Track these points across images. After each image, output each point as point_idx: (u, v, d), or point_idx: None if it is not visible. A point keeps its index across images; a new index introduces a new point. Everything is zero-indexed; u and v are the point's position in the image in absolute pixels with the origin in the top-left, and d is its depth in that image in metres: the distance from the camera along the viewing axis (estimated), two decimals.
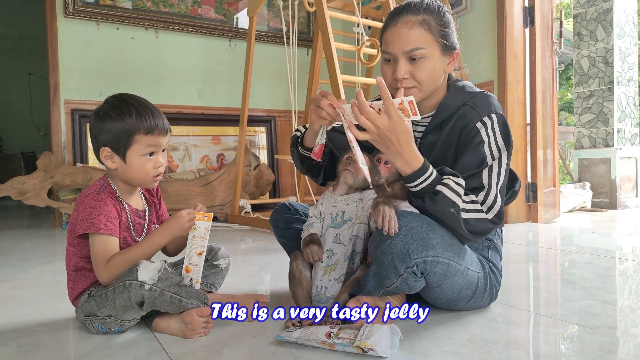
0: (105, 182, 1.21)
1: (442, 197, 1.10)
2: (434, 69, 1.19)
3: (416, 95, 1.19)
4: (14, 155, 7.13)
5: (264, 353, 1.02)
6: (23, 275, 1.91)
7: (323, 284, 1.19)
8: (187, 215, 1.17)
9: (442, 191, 1.10)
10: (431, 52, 1.17)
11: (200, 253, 1.20)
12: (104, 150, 1.18)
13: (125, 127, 1.15)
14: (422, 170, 1.10)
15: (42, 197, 3.28)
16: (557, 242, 2.50)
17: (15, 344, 1.12)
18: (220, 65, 4.24)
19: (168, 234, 1.16)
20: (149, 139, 1.17)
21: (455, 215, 1.11)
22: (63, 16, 3.63)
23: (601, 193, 4.12)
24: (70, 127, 3.65)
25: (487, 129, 1.18)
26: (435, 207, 1.11)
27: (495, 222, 1.15)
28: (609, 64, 4.12)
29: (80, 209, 1.16)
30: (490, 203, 1.14)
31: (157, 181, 1.23)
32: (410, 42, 1.16)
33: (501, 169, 1.17)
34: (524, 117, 3.18)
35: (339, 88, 2.37)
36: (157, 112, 1.19)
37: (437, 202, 1.11)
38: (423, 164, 1.11)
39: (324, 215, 1.24)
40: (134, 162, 1.17)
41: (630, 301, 1.38)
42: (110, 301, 1.10)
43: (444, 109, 1.24)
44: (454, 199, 1.10)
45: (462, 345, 1.03)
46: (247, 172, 3.88)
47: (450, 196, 1.10)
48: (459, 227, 1.12)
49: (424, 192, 1.12)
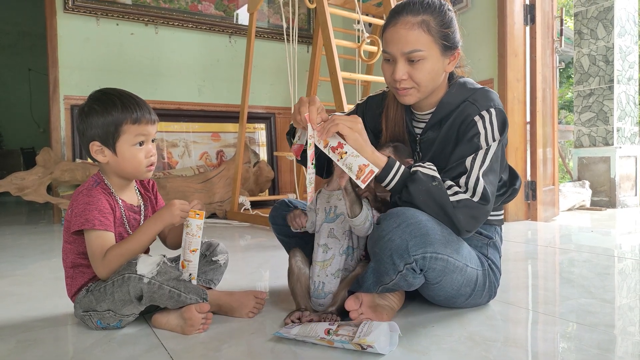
0: (98, 178, 1.21)
1: (420, 175, 1.12)
2: (433, 70, 1.18)
3: (414, 95, 1.21)
4: (14, 151, 7.13)
5: (262, 350, 1.02)
6: (22, 271, 1.91)
7: (320, 280, 1.20)
8: (180, 205, 1.15)
9: (418, 170, 1.13)
10: (430, 54, 1.16)
11: (194, 250, 1.18)
12: (93, 144, 1.17)
13: (111, 119, 1.15)
14: (390, 165, 1.13)
15: (41, 193, 3.28)
16: (556, 240, 2.50)
17: (13, 339, 1.12)
18: (220, 61, 4.24)
19: (159, 222, 1.15)
20: (137, 128, 1.16)
21: (439, 186, 1.11)
22: (63, 12, 3.62)
23: (600, 192, 4.12)
24: (69, 123, 3.64)
25: (484, 121, 1.18)
26: (418, 187, 1.11)
27: (482, 204, 1.13)
28: (609, 63, 4.11)
29: (74, 206, 1.15)
30: (472, 185, 1.13)
31: (150, 171, 1.22)
32: (408, 43, 1.15)
33: (487, 156, 1.16)
34: (524, 115, 3.17)
35: (339, 85, 2.36)
36: (142, 103, 1.20)
37: (416, 180, 1.11)
38: (388, 160, 1.13)
39: (319, 211, 1.24)
40: (125, 153, 1.17)
41: (628, 299, 1.38)
42: (109, 295, 1.10)
43: (445, 106, 1.24)
44: (432, 174, 1.12)
45: (461, 343, 1.03)
46: (247, 169, 3.88)
47: (428, 172, 1.12)
48: (447, 203, 1.11)
49: (400, 184, 1.13)
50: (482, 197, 1.13)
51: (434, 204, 1.11)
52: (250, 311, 1.23)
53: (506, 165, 1.33)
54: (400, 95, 1.23)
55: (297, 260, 1.26)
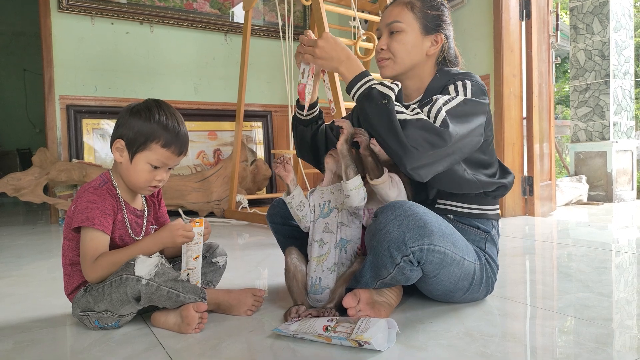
0: (106, 178, 1.21)
1: (375, 92, 1.13)
2: (410, 43, 1.27)
3: (391, 67, 1.30)
4: (10, 152, 7.11)
5: (261, 347, 1.02)
6: (19, 271, 1.91)
7: (317, 275, 1.21)
8: (183, 232, 1.15)
9: (375, 87, 1.14)
10: (409, 29, 1.26)
11: (197, 257, 1.20)
12: (118, 141, 1.18)
13: (147, 130, 1.16)
14: (362, 75, 1.18)
15: (37, 194, 3.27)
16: (553, 235, 2.51)
17: (11, 340, 1.11)
18: (215, 60, 4.23)
19: (158, 243, 1.16)
20: (163, 152, 1.17)
21: (387, 105, 1.09)
22: (57, 11, 3.61)
23: (597, 186, 4.13)
24: (65, 123, 3.63)
25: (456, 87, 1.18)
26: (370, 104, 1.13)
27: (441, 131, 1.07)
28: (605, 57, 4.12)
29: (78, 203, 1.16)
30: (434, 112, 1.10)
31: (150, 191, 1.23)
32: (391, 16, 1.28)
33: (454, 100, 1.14)
34: (521, 110, 3.18)
35: (335, 81, 2.36)
36: (184, 134, 1.20)
37: (370, 98, 1.13)
38: (363, 71, 1.19)
39: (315, 207, 1.27)
40: (138, 166, 1.18)
41: (626, 293, 1.38)
42: (107, 295, 1.10)
43: (430, 92, 1.28)
44: (385, 92, 1.12)
45: (459, 338, 1.04)
46: (244, 168, 3.87)
47: (382, 90, 1.13)
48: (394, 123, 1.06)
49: (360, 99, 1.16)
50: (442, 123, 1.08)
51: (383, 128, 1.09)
52: (248, 309, 1.23)
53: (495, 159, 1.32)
54: (379, 66, 1.32)
55: (293, 257, 1.26)
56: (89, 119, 3.72)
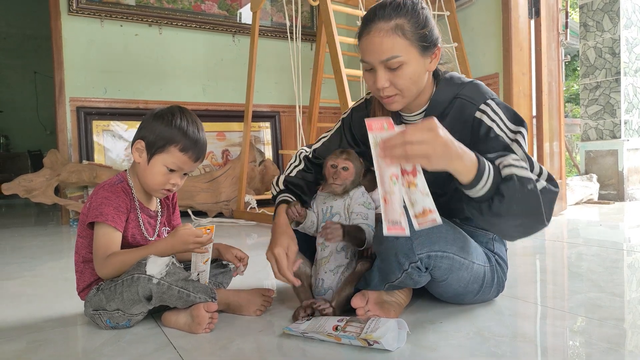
0: (122, 177, 1.24)
1: (515, 178, 0.95)
2: (415, 73, 1.12)
3: (400, 102, 1.16)
4: (21, 154, 7.19)
5: (271, 347, 1.03)
6: (31, 272, 1.93)
7: (320, 277, 1.25)
8: (194, 239, 1.15)
9: (514, 173, 0.96)
10: (409, 58, 1.10)
11: (206, 260, 1.23)
12: (139, 142, 1.21)
13: (167, 134, 1.18)
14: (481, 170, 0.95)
15: (49, 195, 3.30)
16: (564, 234, 2.49)
17: (24, 340, 1.13)
18: (224, 61, 4.24)
19: (169, 248, 1.16)
20: (180, 156, 1.19)
21: (535, 190, 0.96)
22: (67, 14, 3.64)
23: (608, 185, 4.09)
24: (75, 124, 3.66)
25: (488, 115, 1.13)
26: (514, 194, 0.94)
27: (555, 186, 1.01)
28: (615, 55, 4.07)
29: (92, 199, 1.19)
30: (537, 170, 1.03)
31: (163, 194, 1.26)
32: (385, 51, 1.09)
33: (526, 144, 1.10)
34: (530, 109, 3.15)
35: (343, 82, 2.36)
36: (203, 142, 1.23)
37: (510, 187, 0.95)
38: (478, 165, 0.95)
39: (318, 213, 1.30)
40: (155, 167, 1.20)
41: (638, 293, 1.37)
42: (119, 294, 1.11)
43: (436, 105, 1.20)
44: (527, 176, 0.96)
45: (470, 338, 1.03)
46: (252, 168, 3.88)
47: (522, 173, 0.96)
48: (539, 206, 0.97)
49: (491, 192, 0.96)
50: (549, 179, 1.02)
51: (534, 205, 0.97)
52: (258, 309, 1.24)
53: None
54: (386, 103, 1.17)
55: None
56: (99, 120, 3.75)
